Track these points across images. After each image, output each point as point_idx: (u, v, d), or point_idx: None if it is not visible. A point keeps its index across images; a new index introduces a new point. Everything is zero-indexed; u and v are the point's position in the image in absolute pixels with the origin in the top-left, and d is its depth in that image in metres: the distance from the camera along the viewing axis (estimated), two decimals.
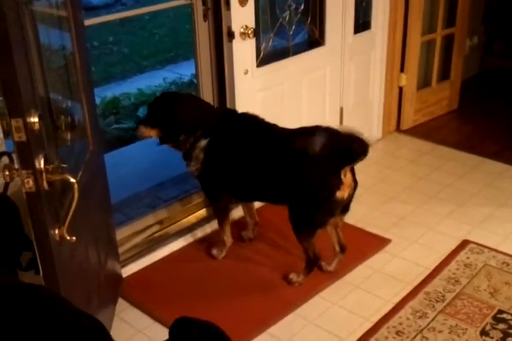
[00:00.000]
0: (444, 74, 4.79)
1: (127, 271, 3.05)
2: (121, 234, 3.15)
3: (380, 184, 3.90)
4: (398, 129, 4.57)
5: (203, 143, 2.92)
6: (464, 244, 3.26)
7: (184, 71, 6.26)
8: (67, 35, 2.33)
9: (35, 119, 1.74)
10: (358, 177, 2.82)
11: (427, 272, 3.06)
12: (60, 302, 1.38)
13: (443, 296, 2.88)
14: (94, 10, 8.07)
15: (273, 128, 2.95)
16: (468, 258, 3.14)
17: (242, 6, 3.15)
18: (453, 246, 3.25)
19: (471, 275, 3.02)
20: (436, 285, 2.95)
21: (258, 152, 2.87)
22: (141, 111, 5.15)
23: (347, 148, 2.69)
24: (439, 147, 4.36)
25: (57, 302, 1.38)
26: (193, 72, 3.54)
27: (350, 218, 3.13)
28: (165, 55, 7.16)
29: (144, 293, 2.95)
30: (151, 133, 3.00)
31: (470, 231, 3.37)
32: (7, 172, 1.76)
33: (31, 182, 1.77)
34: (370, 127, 4.32)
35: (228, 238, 3.17)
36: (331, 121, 3.91)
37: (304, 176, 2.74)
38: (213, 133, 2.92)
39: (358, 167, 2.75)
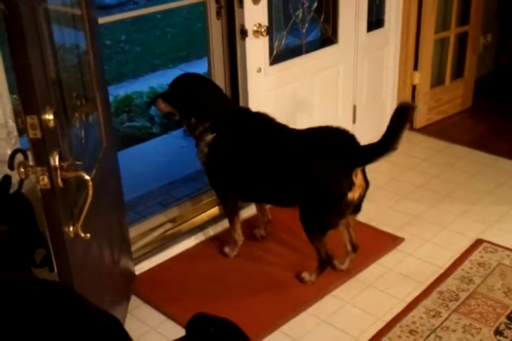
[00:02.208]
0: (458, 72, 4.77)
1: (140, 268, 3.06)
2: (133, 231, 3.16)
3: (392, 182, 3.89)
4: (411, 128, 4.55)
5: (209, 137, 2.92)
6: (478, 243, 3.24)
7: (196, 69, 6.22)
8: (81, 33, 2.34)
9: (50, 116, 1.75)
10: (370, 175, 2.81)
11: (441, 271, 3.04)
12: (77, 299, 1.38)
13: (457, 295, 2.87)
14: (107, 9, 8.09)
15: (283, 128, 2.93)
16: (482, 257, 3.13)
17: (255, 4, 3.14)
18: (467, 245, 3.23)
19: (484, 274, 3.00)
20: (449, 284, 2.94)
21: (265, 152, 2.85)
22: (154, 110, 5.15)
23: (358, 147, 2.69)
24: (453, 145, 4.34)
25: (74, 298, 1.38)
26: (206, 70, 3.54)
27: (362, 216, 3.12)
28: (177, 54, 7.16)
29: (156, 291, 2.95)
30: (166, 109, 3.00)
31: (484, 230, 3.35)
32: (22, 169, 1.76)
33: (46, 179, 1.77)
34: (383, 125, 4.27)
35: (239, 236, 3.17)
36: (344, 120, 3.91)
37: (314, 177, 2.73)
38: (220, 129, 2.91)
39: (371, 165, 2.74)
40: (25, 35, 1.65)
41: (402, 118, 2.61)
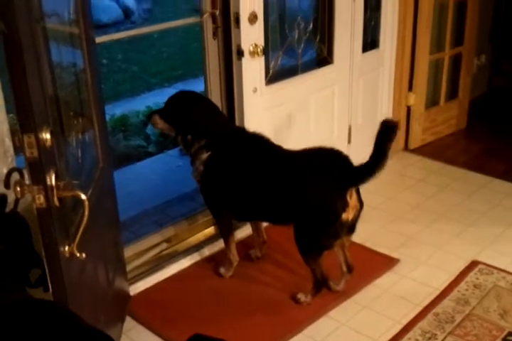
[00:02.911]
0: (452, 93, 4.80)
1: (135, 289, 3.04)
2: (129, 251, 3.14)
3: (387, 202, 3.89)
4: (406, 148, 4.57)
5: (204, 156, 2.91)
6: (473, 264, 3.24)
7: (192, 89, 6.25)
8: (79, 52, 2.35)
9: (47, 135, 1.74)
10: (365, 195, 2.81)
11: (436, 293, 3.03)
12: (73, 318, 1.37)
13: (452, 317, 2.85)
14: (103, 28, 8.13)
15: (278, 149, 2.93)
16: (477, 278, 3.12)
17: (252, 24, 3.16)
18: (462, 266, 3.23)
19: (480, 296, 2.99)
20: (445, 306, 2.93)
21: (260, 172, 2.85)
22: (150, 129, 5.16)
23: (351, 168, 2.69)
24: (447, 166, 4.35)
25: (70, 318, 1.37)
26: (202, 89, 3.54)
27: (357, 237, 3.12)
28: (173, 73, 7.19)
29: (151, 312, 2.93)
30: (162, 126, 3.00)
31: (479, 252, 3.35)
32: (18, 189, 1.75)
33: (42, 198, 1.76)
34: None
35: (234, 256, 3.15)
36: (339, 140, 3.92)
37: (308, 198, 2.72)
38: (216, 148, 2.91)
39: (366, 186, 2.74)
40: (24, 54, 1.65)
41: (386, 136, 2.61)
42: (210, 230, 3.48)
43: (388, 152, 2.59)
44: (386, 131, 2.60)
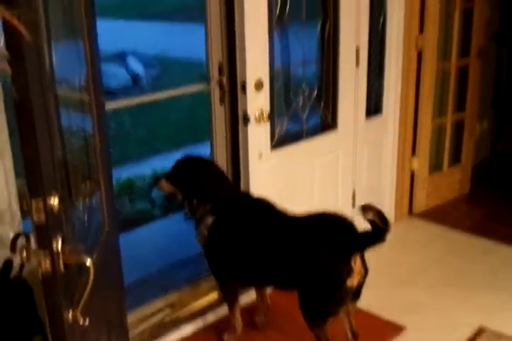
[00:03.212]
0: (455, 158, 4.84)
1: None
2: (131, 317, 3.10)
3: (392, 267, 3.86)
4: (410, 212, 4.57)
5: (209, 220, 2.93)
6: (481, 331, 3.19)
7: (199, 153, 6.33)
8: (89, 117, 2.39)
9: (55, 200, 1.76)
10: (369, 259, 2.80)
11: None
12: None
13: None
14: (112, 93, 8.28)
15: (282, 214, 2.94)
16: None
17: (258, 91, 3.24)
18: (469, 333, 3.18)
19: None
20: None
21: (265, 238, 2.85)
22: (155, 192, 5.19)
23: (355, 234, 2.69)
24: (452, 231, 4.34)
25: None
26: (207, 154, 3.59)
27: (362, 303, 3.07)
28: (180, 138, 7.28)
29: None
30: (170, 189, 3.03)
31: (486, 318, 3.30)
32: (25, 254, 1.76)
33: (48, 264, 1.76)
34: (382, 210, 4.30)
35: (238, 322, 3.11)
36: (343, 204, 3.93)
37: (313, 265, 2.71)
38: (220, 213, 2.93)
39: (370, 250, 2.73)
40: (35, 120, 1.68)
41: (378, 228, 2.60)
42: (214, 295, 3.44)
43: (388, 222, 2.59)
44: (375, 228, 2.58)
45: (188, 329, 3.21)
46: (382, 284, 3.64)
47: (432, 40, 4.26)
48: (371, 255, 2.81)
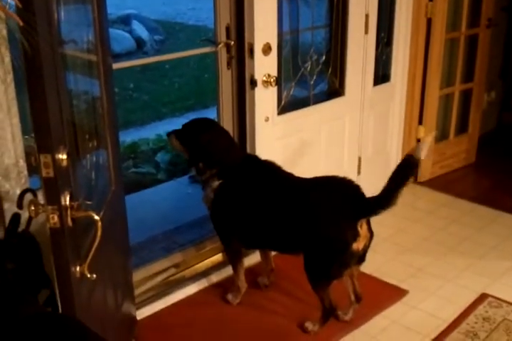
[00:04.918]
0: (462, 128, 4.82)
1: (142, 313, 3.03)
2: (136, 276, 3.13)
3: (397, 235, 3.88)
4: (416, 181, 4.57)
5: (215, 184, 2.94)
6: (483, 297, 3.21)
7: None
8: (96, 78, 2.39)
9: (63, 156, 1.77)
10: (375, 227, 2.81)
11: (445, 325, 3.01)
12: (87, 332, 1.37)
13: None
14: (115, 57, 8.22)
15: (289, 177, 2.95)
16: (486, 312, 3.09)
17: (266, 55, 3.22)
18: (471, 299, 3.20)
19: (489, 329, 2.96)
20: (454, 338, 2.90)
21: (271, 200, 2.86)
22: (159, 156, 5.20)
23: (363, 198, 2.70)
24: (457, 200, 4.35)
25: (85, 331, 1.37)
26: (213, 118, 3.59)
27: (366, 267, 3.11)
28: (184, 103, 7.26)
29: (157, 337, 2.92)
30: (178, 147, 3.05)
31: (489, 285, 3.33)
32: (33, 208, 1.77)
33: (56, 218, 1.78)
34: (387, 178, 4.31)
35: (242, 283, 3.14)
36: (348, 171, 3.93)
37: (319, 228, 2.73)
38: (227, 177, 2.94)
39: (376, 217, 2.74)
40: (44, 76, 1.68)
41: (406, 170, 2.61)
42: (218, 257, 3.48)
43: (403, 187, 2.59)
44: (408, 166, 2.60)
45: (192, 288, 3.25)
46: (387, 250, 3.66)
47: (442, 7, 4.20)
48: (376, 221, 2.82)
